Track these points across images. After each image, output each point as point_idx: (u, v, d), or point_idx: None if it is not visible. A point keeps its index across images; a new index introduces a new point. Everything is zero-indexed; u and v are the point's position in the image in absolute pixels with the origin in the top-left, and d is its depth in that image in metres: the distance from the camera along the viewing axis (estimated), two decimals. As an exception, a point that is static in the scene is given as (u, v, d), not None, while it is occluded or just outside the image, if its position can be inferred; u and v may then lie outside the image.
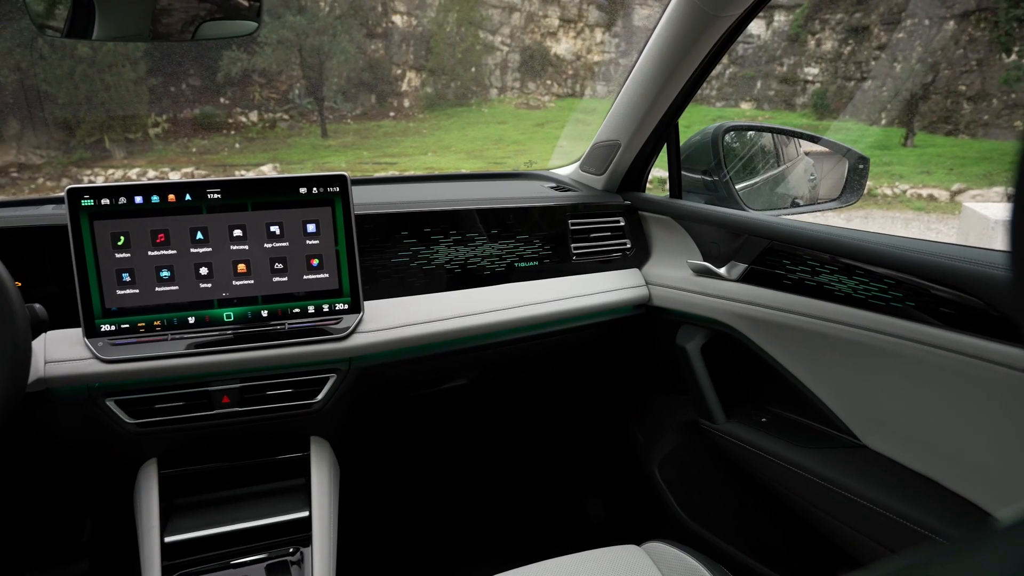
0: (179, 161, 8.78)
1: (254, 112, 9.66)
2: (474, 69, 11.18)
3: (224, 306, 1.16)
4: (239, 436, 1.22)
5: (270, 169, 8.24)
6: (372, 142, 9.58)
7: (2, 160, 8.10)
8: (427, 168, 8.80)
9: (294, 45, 8.98)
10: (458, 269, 1.33)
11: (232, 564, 1.11)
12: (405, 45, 10.75)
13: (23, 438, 1.04)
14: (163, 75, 8.81)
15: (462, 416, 1.60)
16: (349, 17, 9.87)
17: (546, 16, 11.52)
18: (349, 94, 9.99)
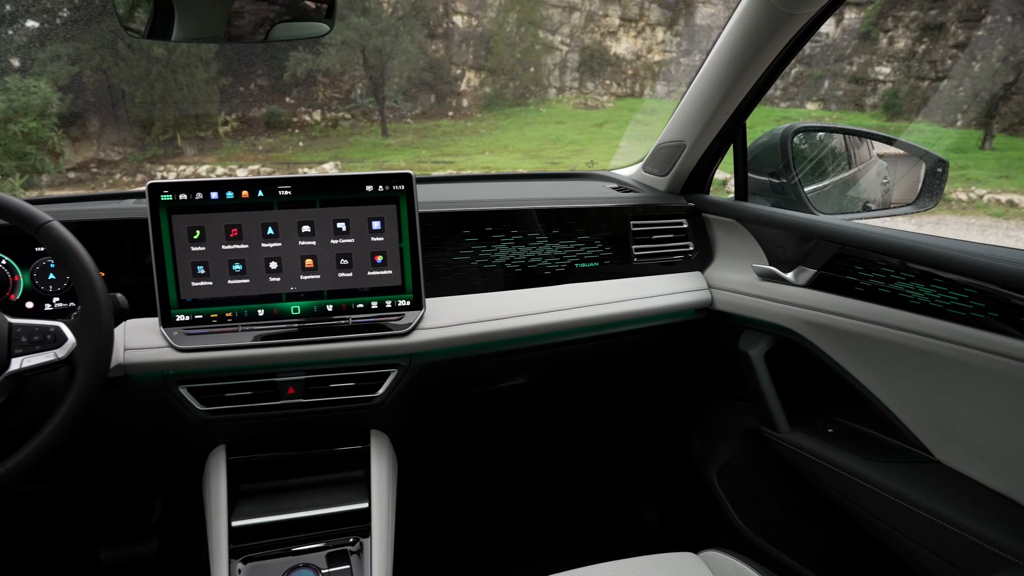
0: (246, 158, 9.07)
1: (317, 111, 9.91)
2: (533, 69, 11.20)
3: (291, 300, 1.19)
4: (303, 426, 1.26)
5: (332, 167, 8.44)
6: (431, 141, 9.70)
7: (83, 156, 8.52)
8: (484, 167, 8.85)
9: (357, 46, 9.17)
10: (518, 268, 1.33)
11: (293, 551, 1.14)
12: (465, 45, 10.84)
13: (103, 421, 1.09)
14: (233, 75, 9.13)
15: (519, 415, 1.61)
16: (411, 18, 10.02)
17: (606, 15, 11.44)
18: (409, 94, 10.14)
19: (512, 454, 1.81)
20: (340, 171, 1.82)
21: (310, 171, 7.30)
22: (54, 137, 6.53)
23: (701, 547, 1.04)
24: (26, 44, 7.84)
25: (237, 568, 1.10)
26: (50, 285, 1.22)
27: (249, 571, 1.10)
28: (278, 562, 1.11)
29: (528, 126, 10.64)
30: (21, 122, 6.01)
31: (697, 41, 11.23)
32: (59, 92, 7.00)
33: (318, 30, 1.27)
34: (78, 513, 1.66)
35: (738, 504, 1.43)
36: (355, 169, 7.80)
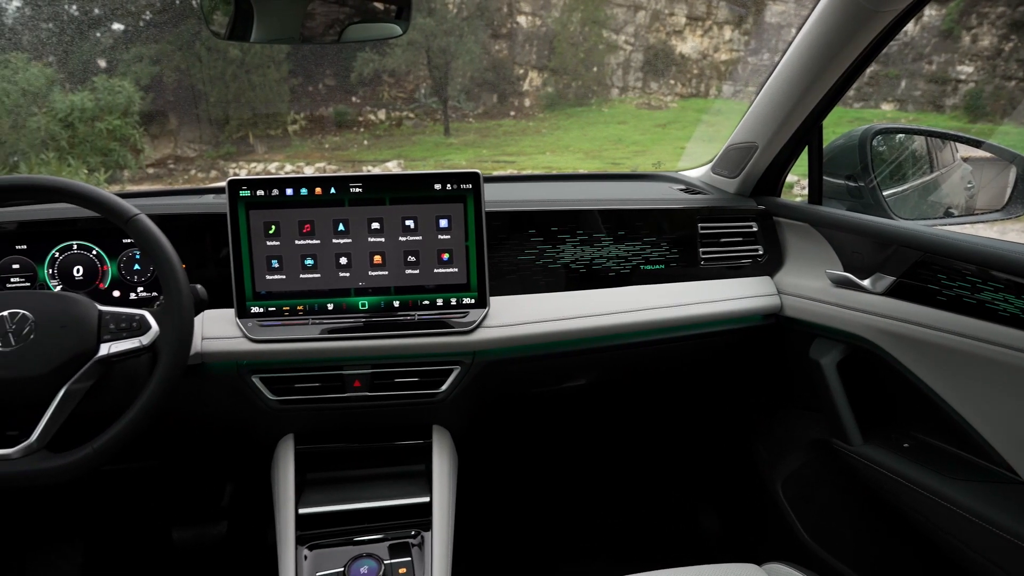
0: (313, 156, 9.32)
1: (382, 111, 10.10)
2: (596, 69, 11.13)
3: (360, 295, 1.22)
4: (367, 419, 1.28)
5: (395, 165, 8.58)
6: (492, 140, 9.76)
7: (161, 153, 8.92)
8: (545, 167, 8.85)
9: (422, 46, 9.31)
10: (583, 269, 1.33)
11: (356, 540, 1.17)
12: (528, 45, 10.86)
13: (181, 407, 1.14)
14: (303, 76, 9.40)
15: (579, 417, 1.60)
16: (475, 18, 10.11)
17: (672, 14, 11.26)
18: (472, 93, 10.23)
19: (571, 455, 1.81)
20: (403, 169, 1.86)
21: (374, 169, 7.45)
22: (136, 134, 6.86)
23: (763, 558, 1.02)
24: (112, 46, 8.26)
25: (303, 554, 1.14)
26: (135, 275, 1.28)
27: (314, 558, 1.13)
28: (341, 550, 1.14)
29: (590, 126, 10.58)
30: (107, 120, 6.33)
31: (766, 40, 10.93)
32: (141, 91, 7.35)
33: (390, 31, 1.30)
34: (154, 494, 1.74)
35: (804, 516, 1.39)
36: (417, 167, 7.91)
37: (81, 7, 7.42)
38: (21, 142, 5.88)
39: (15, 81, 5.90)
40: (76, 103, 6.28)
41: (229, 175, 1.43)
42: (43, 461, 0.95)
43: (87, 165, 6.21)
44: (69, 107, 6.20)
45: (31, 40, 6.52)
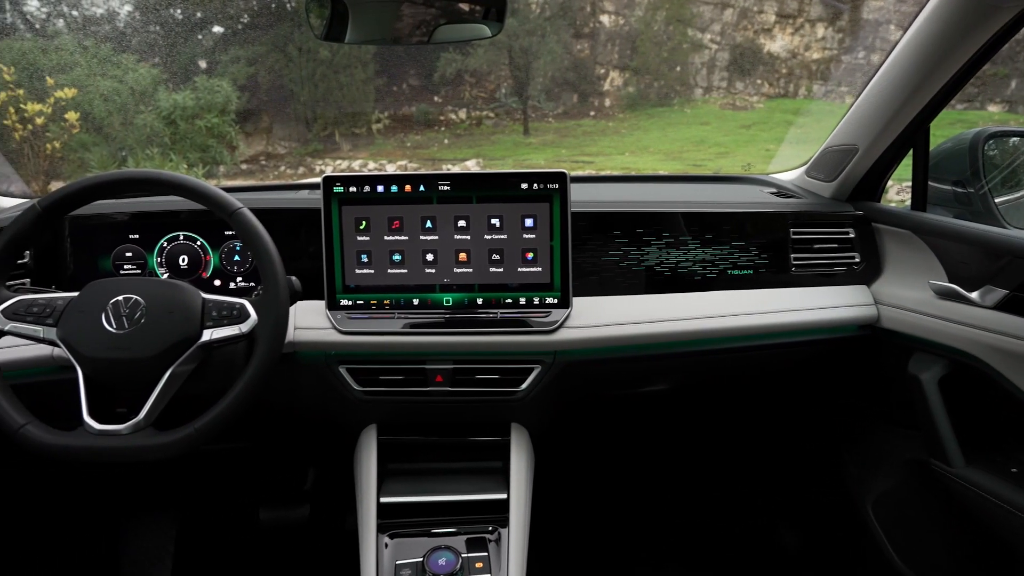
0: (395, 154, 9.53)
1: (463, 110, 10.23)
2: (679, 68, 10.90)
3: (444, 291, 1.24)
4: (447, 414, 1.31)
5: (474, 164, 8.68)
6: (571, 140, 9.72)
7: (254, 149, 9.34)
8: (624, 168, 8.74)
9: (504, 46, 9.37)
10: (667, 272, 1.31)
11: (433, 532, 1.19)
12: (610, 45, 10.76)
13: (273, 392, 1.19)
14: (388, 76, 9.63)
15: (659, 422, 1.58)
16: (558, 18, 10.09)
17: (762, 12, 10.90)
18: (552, 93, 10.22)
19: (649, 460, 1.78)
20: (482, 168, 1.87)
21: (454, 168, 7.55)
22: (232, 132, 7.19)
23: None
24: (212, 48, 8.70)
25: (384, 542, 1.17)
26: (235, 266, 1.35)
27: (395, 546, 1.16)
28: (420, 541, 1.16)
29: (671, 127, 10.37)
30: (206, 118, 6.67)
31: (862, 38, 10.42)
32: (238, 91, 7.70)
33: (480, 32, 1.31)
34: (244, 474, 1.83)
35: (896, 539, 1.32)
36: (496, 167, 7.97)
37: (185, 11, 7.84)
38: (129, 138, 6.28)
39: (125, 81, 6.29)
40: (178, 102, 6.64)
41: (315, 171, 1.44)
42: (150, 438, 1.01)
43: (187, 160, 6.56)
44: (172, 106, 6.56)
45: (139, 42, 6.94)
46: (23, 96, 4.58)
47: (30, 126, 4.65)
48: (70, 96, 4.93)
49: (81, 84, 5.45)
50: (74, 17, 7.29)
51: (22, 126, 4.59)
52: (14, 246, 1.09)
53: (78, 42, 6.30)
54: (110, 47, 6.43)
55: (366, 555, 1.15)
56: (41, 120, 4.71)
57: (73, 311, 1.07)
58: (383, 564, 1.13)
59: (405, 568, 1.12)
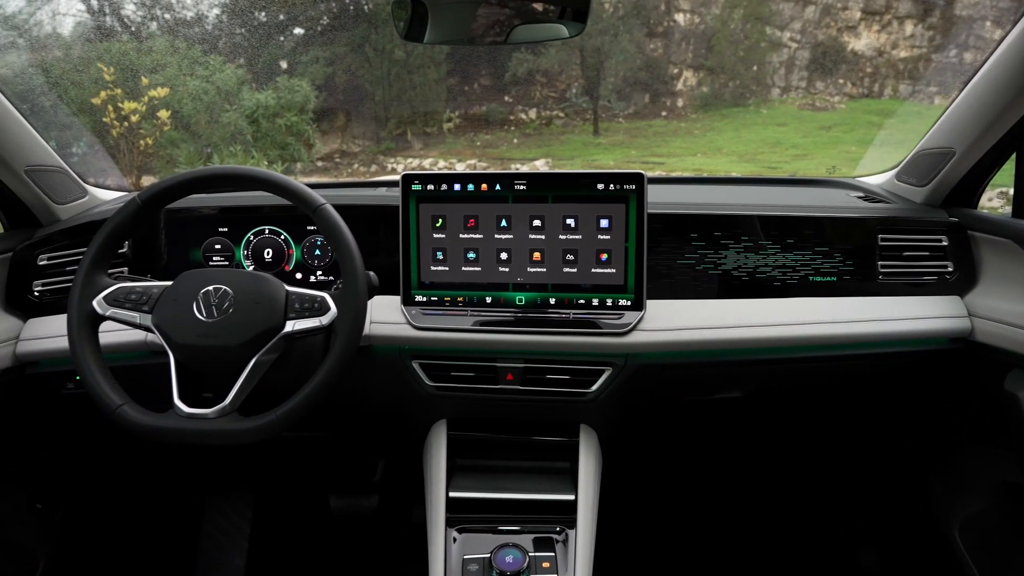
0: (464, 153, 9.64)
1: (533, 110, 10.24)
2: (756, 67, 10.60)
3: (518, 290, 1.25)
4: (516, 413, 1.31)
5: (543, 164, 8.69)
6: (641, 141, 9.60)
7: (329, 147, 9.62)
8: (695, 169, 8.57)
9: (576, 46, 9.33)
10: (745, 277, 1.27)
11: (500, 529, 1.20)
12: (685, 44, 10.55)
13: (349, 384, 1.22)
14: (460, 76, 9.74)
15: (732, 430, 1.54)
16: (631, 17, 9.98)
17: (846, 8, 10.47)
18: (623, 93, 10.11)
19: (720, 469, 1.74)
20: (551, 168, 1.86)
21: (522, 167, 7.57)
22: (309, 130, 7.43)
23: None
24: (293, 49, 9.00)
25: (452, 536, 1.18)
26: (316, 260, 1.39)
27: (463, 541, 1.18)
28: (488, 537, 1.17)
29: (745, 128, 10.09)
30: (286, 116, 6.92)
31: (955, 35, 9.87)
32: (316, 90, 7.94)
33: (557, 32, 1.31)
34: (317, 462, 1.89)
35: (985, 566, 1.25)
36: (565, 167, 7.94)
37: (269, 14, 8.14)
38: (214, 136, 6.57)
39: (212, 81, 6.58)
40: (261, 101, 6.91)
41: (387, 169, 1.47)
42: (234, 423, 1.06)
43: (267, 157, 6.82)
44: (255, 105, 6.83)
45: (226, 44, 7.24)
46: (120, 95, 4.86)
47: (126, 123, 4.94)
48: (162, 95, 5.20)
49: (172, 84, 5.74)
50: (167, 20, 7.67)
51: (119, 123, 4.87)
52: (115, 237, 1.16)
53: (170, 44, 6.64)
54: (199, 49, 6.75)
55: (434, 548, 1.17)
56: (136, 118, 4.99)
57: (167, 299, 1.13)
58: (451, 558, 1.15)
59: (472, 563, 1.13)
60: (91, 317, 1.13)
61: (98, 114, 4.74)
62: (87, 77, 4.83)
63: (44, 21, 5.81)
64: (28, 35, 5.35)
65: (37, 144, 1.40)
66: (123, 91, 4.89)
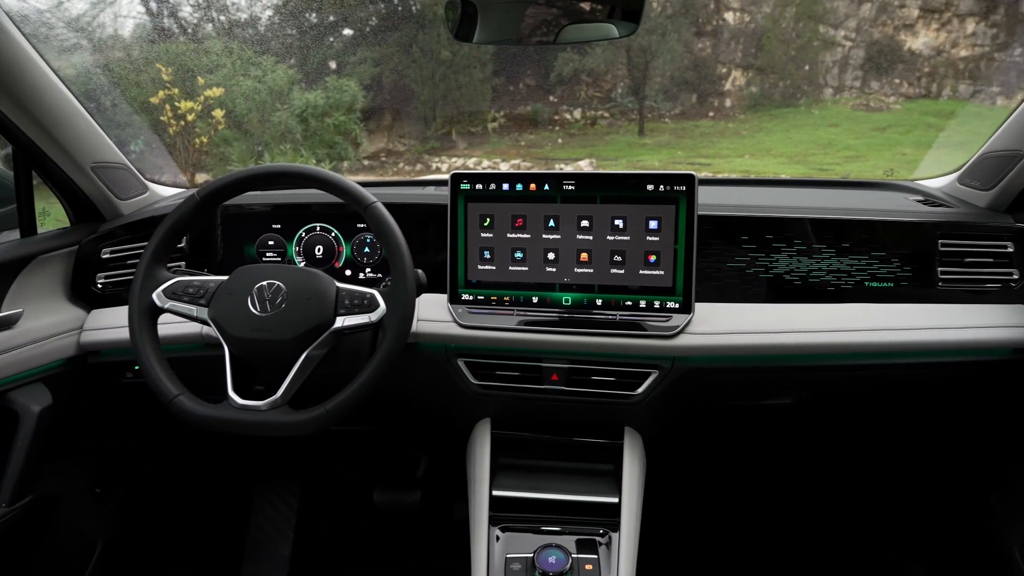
0: (508, 153, 9.65)
1: (578, 110, 10.20)
2: (808, 67, 10.35)
3: (564, 290, 1.25)
4: (560, 413, 1.31)
5: (587, 164, 8.65)
6: (687, 142, 9.47)
7: (375, 146, 9.75)
8: (742, 171, 8.43)
9: (623, 45, 9.25)
10: (797, 281, 1.25)
11: (543, 530, 1.20)
12: (734, 43, 10.37)
13: (394, 382, 1.24)
14: (505, 76, 9.77)
15: (780, 437, 1.51)
16: (680, 16, 9.85)
17: (903, 6, 10.15)
18: (670, 93, 10.00)
19: (767, 476, 1.71)
20: (595, 168, 1.85)
21: (566, 167, 7.55)
22: (357, 129, 7.55)
23: None
24: (342, 49, 9.15)
25: (495, 534, 1.19)
26: (365, 257, 1.41)
27: (506, 539, 1.18)
28: (531, 537, 1.18)
29: (795, 129, 9.85)
30: (334, 116, 7.04)
31: (1020, 34, 9.48)
32: (364, 90, 8.06)
33: (607, 32, 1.30)
34: (362, 456, 1.92)
35: (1049, 587, 1.20)
36: (609, 167, 7.89)
37: (320, 15, 8.30)
38: (265, 135, 6.73)
39: (264, 81, 6.74)
40: (310, 101, 7.04)
41: (432, 168, 1.47)
42: (285, 415, 1.08)
43: (315, 156, 6.95)
44: (304, 104, 6.97)
45: (278, 45, 7.40)
46: (178, 95, 5.02)
47: (182, 122, 5.10)
48: (217, 95, 5.35)
49: (226, 84, 5.90)
50: (221, 22, 7.88)
51: (176, 122, 5.03)
52: (175, 232, 1.20)
53: (225, 45, 6.82)
54: (252, 50, 6.92)
55: (477, 546, 1.17)
56: (192, 117, 5.15)
57: (223, 294, 1.16)
58: (493, 556, 1.15)
59: (515, 562, 1.13)
60: (151, 309, 1.17)
61: (156, 113, 4.90)
62: (146, 77, 5.01)
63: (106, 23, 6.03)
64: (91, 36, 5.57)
65: (103, 142, 1.45)
66: (180, 91, 5.05)
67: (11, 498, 1.27)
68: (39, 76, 1.25)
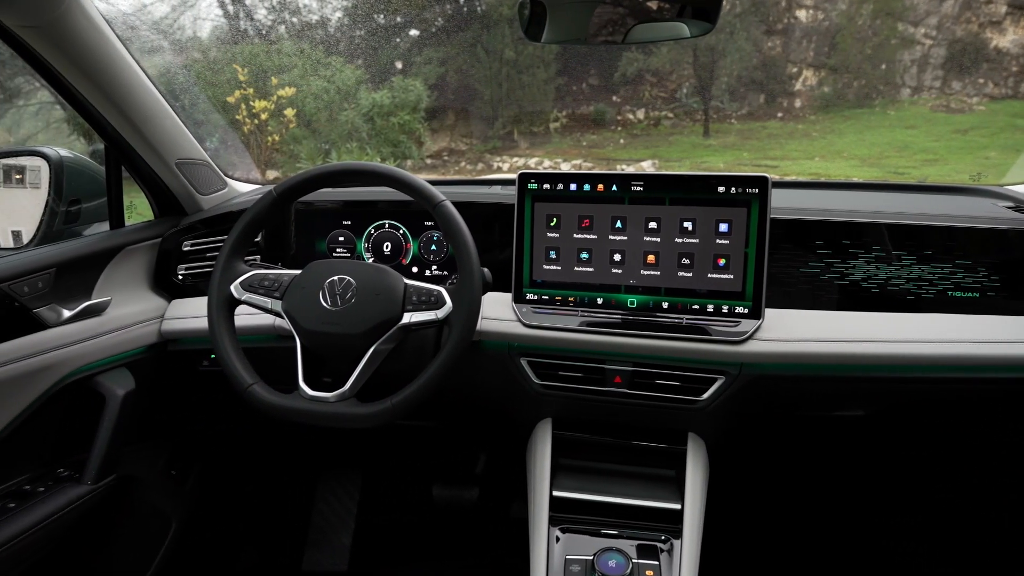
0: (570, 153, 9.63)
1: (641, 110, 10.09)
2: (884, 66, 9.95)
3: (629, 292, 1.23)
4: (622, 416, 1.30)
5: (649, 165, 8.55)
6: (754, 143, 9.25)
7: (438, 145, 9.87)
8: (811, 174, 8.17)
9: (690, 45, 9.10)
10: (874, 289, 1.20)
11: (603, 533, 1.19)
12: (806, 41, 10.06)
13: (457, 379, 1.25)
14: (568, 75, 9.75)
15: (850, 451, 1.46)
16: (749, 14, 9.62)
17: (990, 2, 9.64)
18: (737, 93, 9.78)
19: (834, 489, 1.66)
20: (657, 169, 1.82)
21: (628, 168, 7.47)
22: (421, 128, 7.66)
23: None
24: (408, 49, 9.30)
25: (555, 535, 1.19)
26: (431, 255, 1.43)
27: (566, 540, 1.18)
28: (590, 539, 1.17)
29: (869, 130, 9.49)
30: (399, 115, 7.17)
31: (1121, 29, 8.87)
32: (429, 90, 8.18)
33: (678, 31, 1.28)
34: (423, 451, 1.95)
35: None
36: (672, 168, 7.77)
37: (387, 16, 8.46)
38: (333, 133, 6.91)
39: (333, 81, 6.92)
40: (377, 100, 7.19)
41: (493, 168, 1.49)
42: (353, 407, 1.11)
43: (380, 154, 7.10)
44: (371, 104, 7.12)
45: (346, 46, 7.58)
46: (252, 94, 5.21)
47: (256, 121, 5.29)
48: (289, 95, 5.53)
49: (297, 84, 6.09)
50: (294, 24, 8.12)
51: (250, 120, 5.22)
52: (253, 227, 1.24)
53: (296, 46, 7.03)
54: (322, 51, 7.11)
55: (536, 545, 1.18)
56: (265, 116, 5.34)
57: (296, 287, 1.20)
58: (553, 556, 1.15)
59: (575, 564, 1.13)
60: (229, 301, 1.21)
61: (231, 111, 5.10)
62: (222, 77, 5.22)
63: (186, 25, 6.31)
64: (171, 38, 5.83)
65: (187, 139, 1.52)
66: (254, 90, 5.24)
67: (96, 476, 1.34)
68: (132, 76, 1.31)
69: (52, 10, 1.11)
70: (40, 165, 1.55)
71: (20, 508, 1.22)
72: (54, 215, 1.53)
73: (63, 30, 1.15)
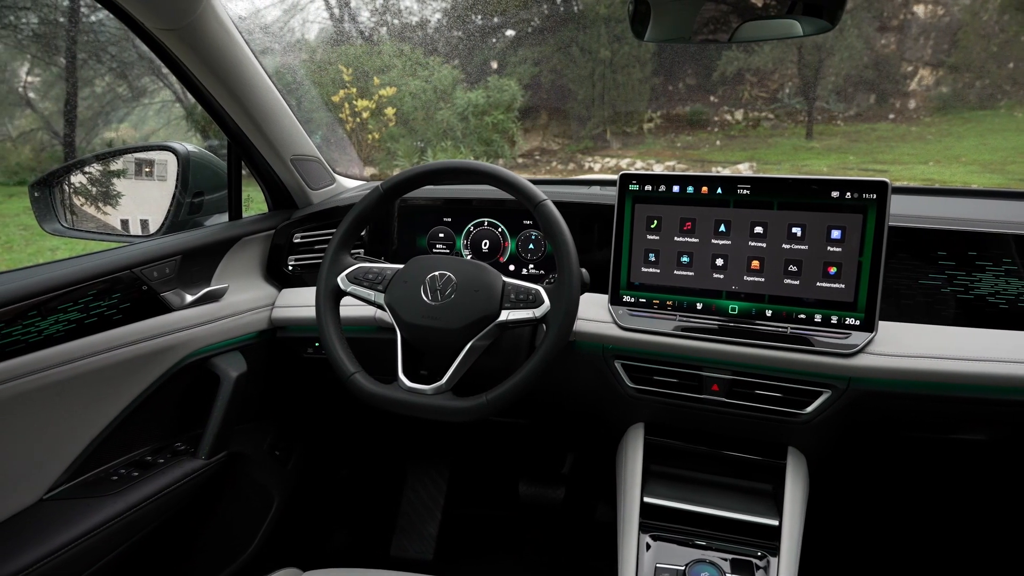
0: (663, 154, 9.45)
1: (740, 111, 9.77)
2: (1012, 65, 9.20)
3: (731, 298, 1.20)
4: (719, 425, 1.27)
5: (746, 168, 8.27)
6: (861, 146, 8.77)
7: (530, 145, 9.92)
8: (925, 179, 7.67)
9: (795, 43, 8.73)
10: (1003, 304, 1.12)
11: (696, 544, 1.17)
12: (923, 38, 9.44)
13: (551, 380, 1.26)
14: (664, 75, 9.56)
15: (968, 476, 1.37)
16: (861, 10, 9.12)
17: None
18: (844, 93, 9.29)
19: (947, 516, 1.55)
20: (755, 172, 1.76)
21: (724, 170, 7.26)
22: (514, 128, 7.73)
23: None
24: (504, 49, 9.40)
25: (645, 542, 1.17)
26: (529, 253, 1.45)
27: (657, 548, 1.16)
28: (682, 549, 1.15)
29: (991, 134, 8.81)
30: (493, 114, 7.26)
31: None
32: (522, 89, 8.24)
33: (788, 29, 1.23)
34: (512, 447, 1.97)
35: None
36: (771, 171, 7.49)
37: (484, 17, 8.58)
38: (428, 132, 7.08)
39: (430, 81, 7.09)
40: (472, 99, 7.31)
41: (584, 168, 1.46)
42: (449, 401, 1.14)
43: (473, 153, 7.21)
44: (466, 103, 7.25)
45: (444, 46, 7.74)
46: (355, 94, 5.42)
47: (358, 119, 5.49)
48: (389, 94, 5.71)
49: (396, 83, 6.27)
50: (394, 25, 8.37)
51: (352, 119, 5.43)
52: (360, 221, 1.30)
53: (396, 47, 7.25)
54: (421, 51, 7.29)
55: (626, 551, 1.16)
56: (367, 115, 5.54)
57: (398, 281, 1.24)
58: (643, 564, 1.14)
59: (666, 573, 1.11)
60: (335, 292, 1.27)
61: (335, 110, 5.32)
62: (327, 77, 5.44)
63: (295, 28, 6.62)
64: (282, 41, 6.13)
65: (301, 136, 1.60)
66: (357, 90, 5.45)
67: (210, 452, 1.43)
68: (255, 76, 1.40)
69: (189, 14, 1.19)
70: (168, 159, 1.67)
71: (142, 477, 1.32)
72: (180, 206, 1.64)
73: (198, 33, 1.23)
